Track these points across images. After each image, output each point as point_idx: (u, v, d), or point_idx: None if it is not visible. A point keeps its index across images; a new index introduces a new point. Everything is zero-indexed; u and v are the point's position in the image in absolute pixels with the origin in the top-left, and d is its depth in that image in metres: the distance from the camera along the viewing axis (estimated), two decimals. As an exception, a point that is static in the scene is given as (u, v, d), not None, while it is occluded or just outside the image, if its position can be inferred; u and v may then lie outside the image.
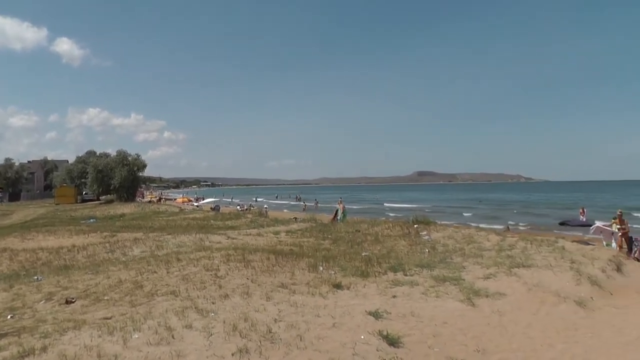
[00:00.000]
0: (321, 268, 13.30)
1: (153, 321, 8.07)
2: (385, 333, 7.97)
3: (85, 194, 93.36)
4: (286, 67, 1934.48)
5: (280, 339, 7.43)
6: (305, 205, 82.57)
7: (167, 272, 12.34)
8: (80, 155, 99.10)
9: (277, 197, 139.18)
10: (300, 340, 7.47)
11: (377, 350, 7.41)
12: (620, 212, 23.40)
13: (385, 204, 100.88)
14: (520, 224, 52.11)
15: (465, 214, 69.63)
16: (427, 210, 68.83)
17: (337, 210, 34.89)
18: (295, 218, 35.18)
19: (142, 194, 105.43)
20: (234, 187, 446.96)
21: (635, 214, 54.61)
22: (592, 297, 11.91)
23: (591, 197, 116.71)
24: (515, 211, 72.95)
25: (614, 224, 23.65)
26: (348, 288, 11.25)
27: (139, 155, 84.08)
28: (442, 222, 28.90)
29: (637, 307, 11.92)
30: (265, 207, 57.26)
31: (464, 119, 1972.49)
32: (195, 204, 78.99)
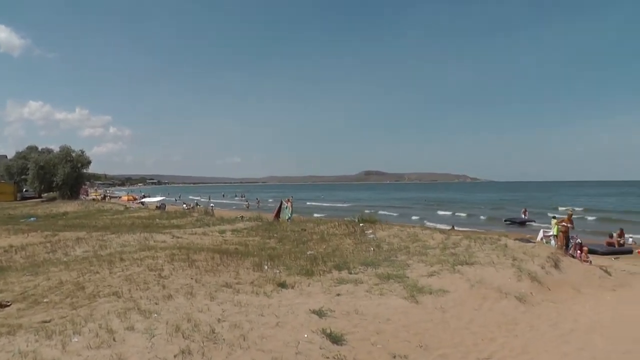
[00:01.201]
0: (266, 267, 13.27)
1: (94, 324, 7.85)
2: (328, 331, 8.04)
3: (26, 191, 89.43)
4: (232, 65, 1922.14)
5: (224, 339, 7.39)
6: (249, 204, 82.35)
7: (110, 273, 12.06)
8: (20, 151, 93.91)
9: (223, 195, 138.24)
10: (244, 340, 7.45)
11: (320, 349, 7.48)
12: (570, 212, 24.20)
13: (325, 204, 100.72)
14: (465, 222, 53.07)
15: (411, 213, 70.43)
16: (373, 209, 69.43)
17: (279, 208, 34.99)
18: (242, 217, 34.96)
19: (86, 192, 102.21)
20: (181, 185, 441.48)
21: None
22: (531, 293, 12.45)
23: (534, 197, 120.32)
24: (461, 210, 74.09)
25: (555, 224, 24.55)
26: (293, 287, 11.27)
27: (83, 152, 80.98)
28: (388, 221, 29.18)
29: (572, 301, 12.63)
30: (212, 206, 56.85)
31: (411, 119, 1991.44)
32: (141, 202, 77.69)
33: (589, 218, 56.38)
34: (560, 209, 60.33)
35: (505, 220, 50.64)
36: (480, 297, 11.32)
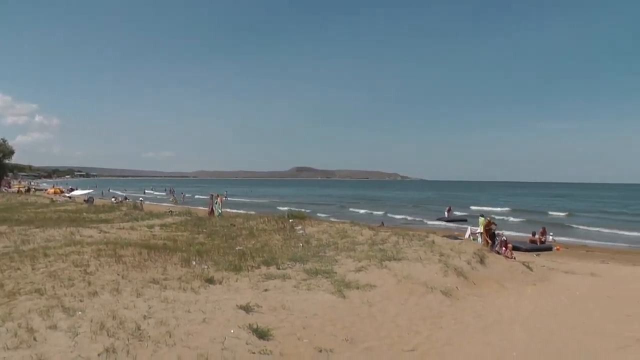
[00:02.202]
0: (194, 263, 13.10)
1: (13, 323, 7.47)
2: (255, 326, 8.05)
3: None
4: (167, 57, 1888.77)
5: (149, 336, 7.26)
6: (175, 198, 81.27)
7: (33, 269, 11.59)
8: None
9: (152, 188, 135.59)
10: (170, 336, 7.35)
11: (247, 344, 7.49)
12: (490, 218, 25.57)
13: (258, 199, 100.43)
14: (395, 219, 53.78)
15: (341, 209, 70.89)
16: (303, 205, 69.57)
17: (211, 203, 34.75)
18: (171, 211, 34.39)
19: (9, 184, 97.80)
20: (110, 178, 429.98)
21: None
22: (457, 287, 12.86)
23: (460, 196, 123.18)
24: (391, 207, 74.99)
25: (482, 222, 25.47)
26: (220, 283, 11.16)
27: (5, 140, 78.38)
28: (318, 217, 29.31)
29: (496, 295, 13.14)
30: (141, 200, 55.49)
31: (343, 117, 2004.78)
32: (68, 195, 75.20)
33: (513, 218, 58.13)
34: (485, 208, 62.04)
35: (438, 219, 51.59)
36: (407, 292, 11.60)
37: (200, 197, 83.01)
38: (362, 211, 68.09)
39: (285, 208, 31.94)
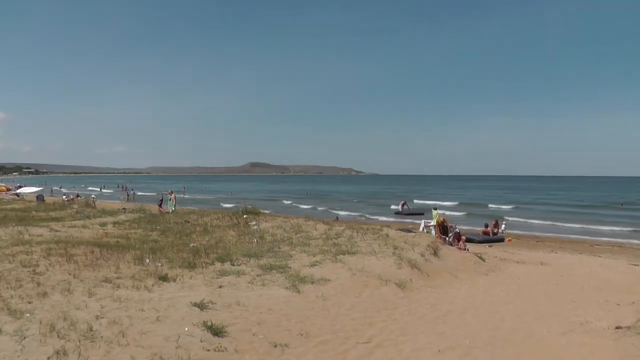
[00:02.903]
0: (148, 260, 12.88)
1: None
2: (209, 324, 7.98)
3: None
4: (116, 50, 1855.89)
5: (102, 336, 7.09)
6: (128, 195, 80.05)
7: (-24, 271, 11.29)
8: None
9: (103, 186, 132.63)
10: (123, 336, 7.20)
11: (201, 342, 7.41)
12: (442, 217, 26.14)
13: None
14: (349, 213, 53.96)
15: (295, 204, 70.83)
16: (258, 200, 69.34)
17: (161, 200, 34.43)
18: (124, 208, 33.70)
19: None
20: (61, 174, 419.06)
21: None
22: (411, 279, 13.07)
23: (415, 190, 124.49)
24: (345, 201, 75.32)
25: (435, 216, 25.96)
26: (174, 280, 11.03)
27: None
28: (272, 212, 29.22)
29: (449, 286, 13.41)
30: (93, 197, 54.43)
31: (297, 111, 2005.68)
32: (15, 192, 73.09)
33: (464, 211, 59.00)
34: (438, 202, 62.85)
35: (396, 213, 52.00)
36: (361, 285, 11.72)
37: (152, 194, 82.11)
38: (316, 206, 68.14)
39: (240, 204, 31.63)
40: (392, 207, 58.24)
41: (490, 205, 66.99)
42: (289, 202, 79.32)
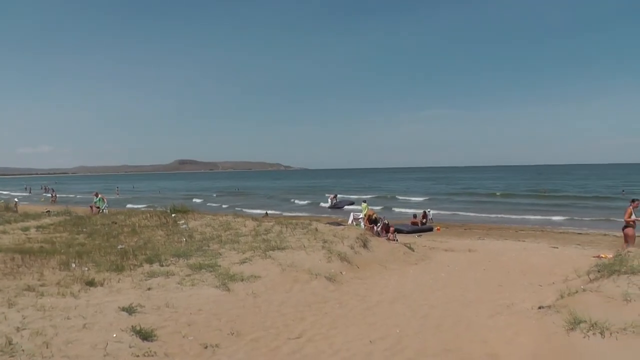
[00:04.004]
0: (74, 265, 12.41)
1: None
2: (138, 328, 7.74)
3: None
4: (42, 47, 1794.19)
5: (23, 350, 6.66)
6: (54, 197, 77.51)
7: None
8: None
9: (25, 188, 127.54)
10: (47, 347, 6.82)
11: (130, 347, 7.19)
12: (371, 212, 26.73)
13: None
14: (279, 208, 53.93)
15: (224, 201, 70.23)
16: (186, 198, 68.42)
17: (95, 202, 33.73)
18: (48, 211, 32.52)
19: None
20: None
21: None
22: (341, 272, 13.16)
23: (343, 183, 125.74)
24: (274, 197, 75.27)
25: (364, 208, 26.32)
26: (102, 284, 10.64)
27: None
28: (201, 210, 28.85)
29: (379, 276, 13.58)
30: (15, 200, 52.37)
31: (224, 108, 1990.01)
32: None
33: (392, 201, 60.04)
34: (366, 196, 63.37)
35: (329, 207, 52.26)
36: (292, 280, 11.72)
37: (79, 196, 80.00)
38: (246, 202, 67.70)
39: (169, 202, 31.02)
40: (322, 204, 58.42)
41: (420, 194, 68.30)
42: (218, 199, 78.55)
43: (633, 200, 17.62)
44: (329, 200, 54.51)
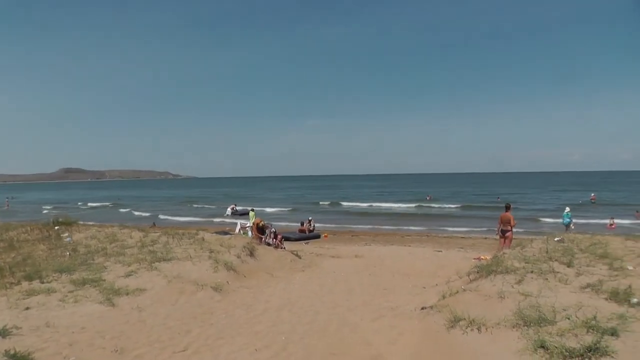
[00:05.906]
0: None
1: None
2: (12, 352, 7.25)
3: None
4: None
5: None
6: None
7: None
8: None
9: None
10: None
11: (3, 374, 6.76)
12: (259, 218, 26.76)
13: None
14: (167, 218, 53.06)
15: (111, 212, 68.11)
16: (71, 209, 65.84)
17: None
18: None
19: None
20: None
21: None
22: (228, 282, 13.11)
23: (231, 192, 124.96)
24: (161, 207, 73.76)
25: (252, 217, 26.47)
26: (-31, 308, 9.98)
27: None
28: (86, 222, 27.85)
29: (265, 285, 13.68)
30: None
31: (111, 116, 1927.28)
32: None
33: (283, 209, 60.57)
34: (256, 205, 63.39)
35: (226, 215, 51.91)
36: (177, 292, 11.51)
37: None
38: (132, 212, 65.94)
39: (52, 213, 29.46)
40: (212, 210, 57.78)
41: (309, 203, 69.02)
42: (105, 209, 75.99)
43: (509, 206, 18.74)
44: (229, 210, 54.37)
